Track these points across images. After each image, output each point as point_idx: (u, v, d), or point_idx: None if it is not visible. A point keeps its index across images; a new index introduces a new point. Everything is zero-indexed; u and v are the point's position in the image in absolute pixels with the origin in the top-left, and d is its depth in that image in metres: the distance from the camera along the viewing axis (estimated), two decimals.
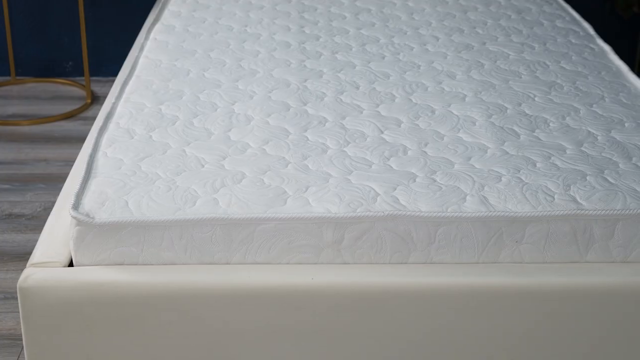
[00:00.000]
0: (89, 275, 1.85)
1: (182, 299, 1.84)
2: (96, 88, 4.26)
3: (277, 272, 1.85)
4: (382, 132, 2.23)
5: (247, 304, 1.84)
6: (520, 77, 2.61)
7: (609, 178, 1.98)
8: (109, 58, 4.36)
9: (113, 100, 2.44)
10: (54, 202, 2.87)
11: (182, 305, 1.84)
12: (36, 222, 3.11)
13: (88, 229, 1.85)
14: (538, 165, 2.05)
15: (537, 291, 1.85)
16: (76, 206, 1.88)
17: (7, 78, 4.38)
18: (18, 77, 4.37)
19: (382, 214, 1.85)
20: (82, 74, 4.36)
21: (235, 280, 1.84)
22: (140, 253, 1.87)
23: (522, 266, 1.88)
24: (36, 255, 1.90)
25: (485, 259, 1.89)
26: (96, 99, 4.16)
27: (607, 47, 2.90)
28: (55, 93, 4.24)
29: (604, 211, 1.87)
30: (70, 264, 1.90)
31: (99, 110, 3.27)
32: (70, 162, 3.42)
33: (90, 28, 4.31)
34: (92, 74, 4.33)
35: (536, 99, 2.45)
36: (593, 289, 1.85)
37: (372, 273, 1.85)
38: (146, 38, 3.01)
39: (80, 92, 4.24)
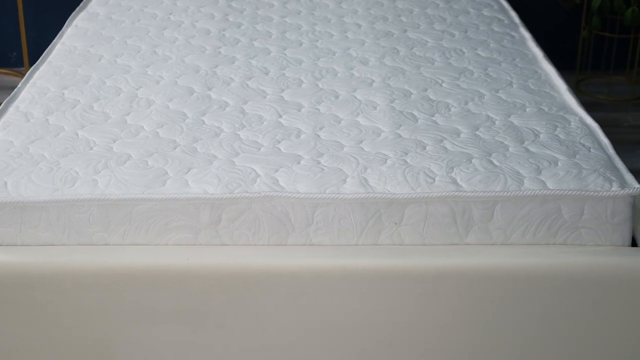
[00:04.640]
0: None
1: (59, 280, 1.83)
2: None
3: (152, 253, 1.84)
4: (280, 117, 2.22)
5: (123, 284, 1.83)
6: (433, 64, 2.61)
7: (494, 161, 1.98)
8: None
9: (19, 85, 2.43)
10: None
11: (59, 285, 1.84)
12: None
13: None
14: (428, 148, 2.04)
15: (416, 273, 1.84)
16: None
17: None
18: None
19: (258, 195, 1.84)
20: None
21: (111, 261, 1.83)
22: (18, 234, 1.86)
23: (401, 248, 1.87)
24: None
25: (365, 241, 1.88)
26: None
27: (527, 35, 2.90)
28: None
29: (482, 193, 1.86)
30: None
31: None
32: None
33: (32, 18, 4.28)
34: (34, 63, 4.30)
35: (443, 84, 2.45)
36: (472, 270, 1.85)
37: (249, 254, 1.84)
38: (68, 25, 3.00)
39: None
